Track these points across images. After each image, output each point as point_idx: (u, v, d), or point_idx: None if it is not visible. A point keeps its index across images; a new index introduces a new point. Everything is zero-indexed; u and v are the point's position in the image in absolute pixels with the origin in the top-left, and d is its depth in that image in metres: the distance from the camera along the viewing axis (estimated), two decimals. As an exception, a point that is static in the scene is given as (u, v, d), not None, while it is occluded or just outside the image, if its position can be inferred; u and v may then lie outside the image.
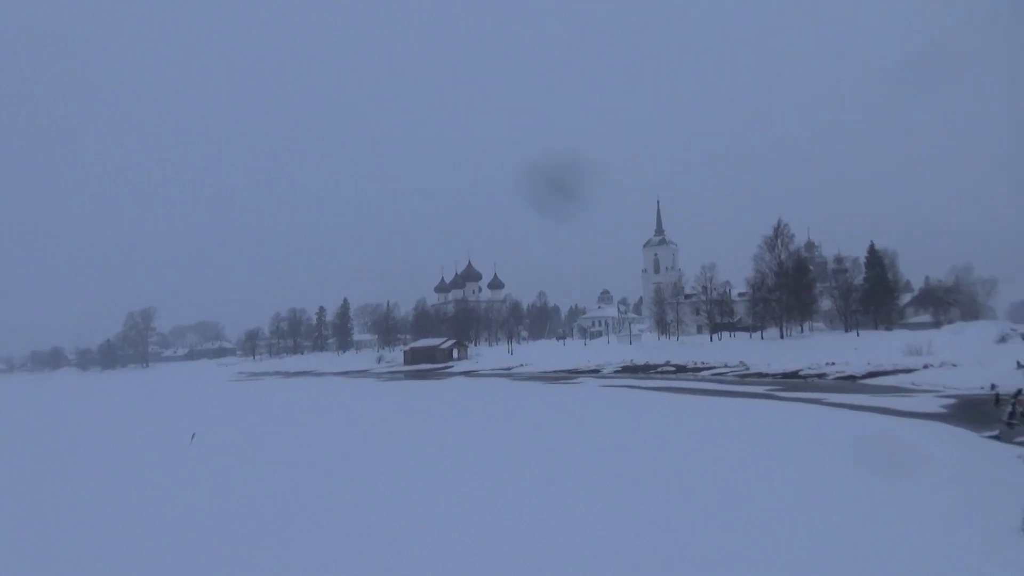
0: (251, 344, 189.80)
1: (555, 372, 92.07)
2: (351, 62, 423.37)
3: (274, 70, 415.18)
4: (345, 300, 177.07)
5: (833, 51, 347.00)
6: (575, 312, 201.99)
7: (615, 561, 12.43)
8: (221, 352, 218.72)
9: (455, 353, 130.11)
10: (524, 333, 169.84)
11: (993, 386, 45.81)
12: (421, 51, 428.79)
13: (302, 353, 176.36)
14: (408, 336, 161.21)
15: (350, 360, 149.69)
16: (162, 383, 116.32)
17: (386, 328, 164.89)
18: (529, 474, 20.58)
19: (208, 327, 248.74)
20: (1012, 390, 42.34)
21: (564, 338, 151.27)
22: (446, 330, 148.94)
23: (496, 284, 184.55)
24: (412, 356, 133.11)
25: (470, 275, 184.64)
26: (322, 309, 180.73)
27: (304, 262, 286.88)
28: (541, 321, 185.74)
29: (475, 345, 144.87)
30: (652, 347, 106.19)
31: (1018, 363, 53.41)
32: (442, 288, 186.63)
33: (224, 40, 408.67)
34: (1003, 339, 68.25)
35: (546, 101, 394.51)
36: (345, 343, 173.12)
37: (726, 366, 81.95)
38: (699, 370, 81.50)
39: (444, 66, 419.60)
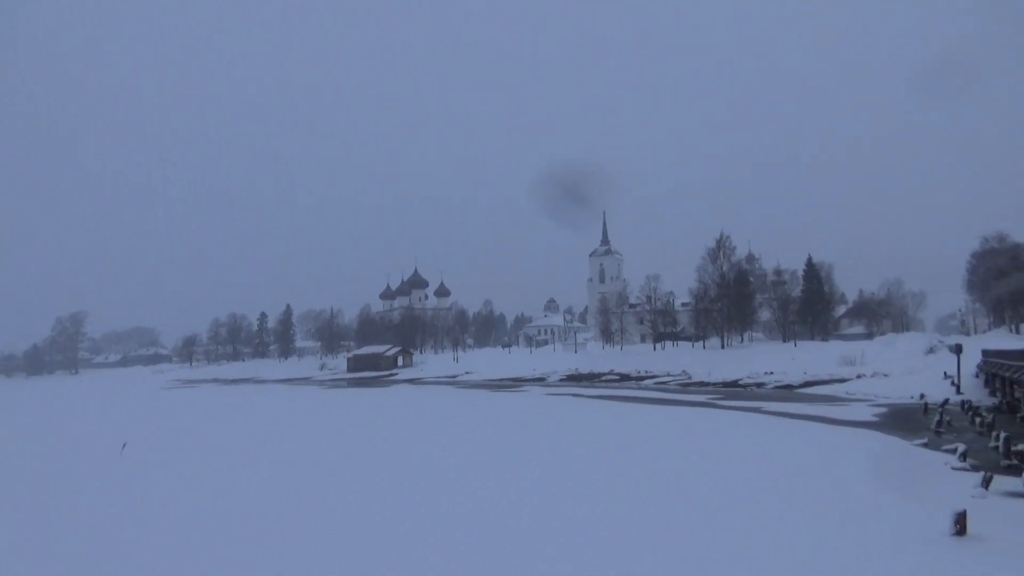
0: (188, 351, 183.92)
1: (500, 380, 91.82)
2: (297, 65, 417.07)
3: (223, 69, 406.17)
4: (288, 306, 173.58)
5: (780, 69, 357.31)
6: (521, 320, 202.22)
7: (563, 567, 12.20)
8: (156, 359, 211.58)
9: (400, 360, 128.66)
10: (470, 341, 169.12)
11: (922, 395, 47.48)
12: (371, 57, 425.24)
13: (243, 360, 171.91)
14: (352, 343, 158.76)
15: (292, 367, 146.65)
16: (92, 390, 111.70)
17: (330, 335, 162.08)
18: (466, 483, 20.21)
19: (143, 333, 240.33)
20: (940, 399, 44.04)
21: (510, 346, 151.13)
22: (391, 337, 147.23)
23: (442, 291, 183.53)
24: (356, 363, 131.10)
25: (416, 282, 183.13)
26: (264, 315, 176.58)
27: (246, 267, 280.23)
28: (487, 329, 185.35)
29: (420, 353, 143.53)
30: (597, 356, 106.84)
31: (945, 373, 55.45)
32: (388, 295, 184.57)
33: (170, 38, 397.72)
34: (931, 350, 70.74)
35: (498, 110, 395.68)
36: (287, 350, 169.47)
37: (669, 375, 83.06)
38: (642, 379, 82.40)
39: (396, 74, 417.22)
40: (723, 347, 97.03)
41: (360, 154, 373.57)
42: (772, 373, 73.56)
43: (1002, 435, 24.67)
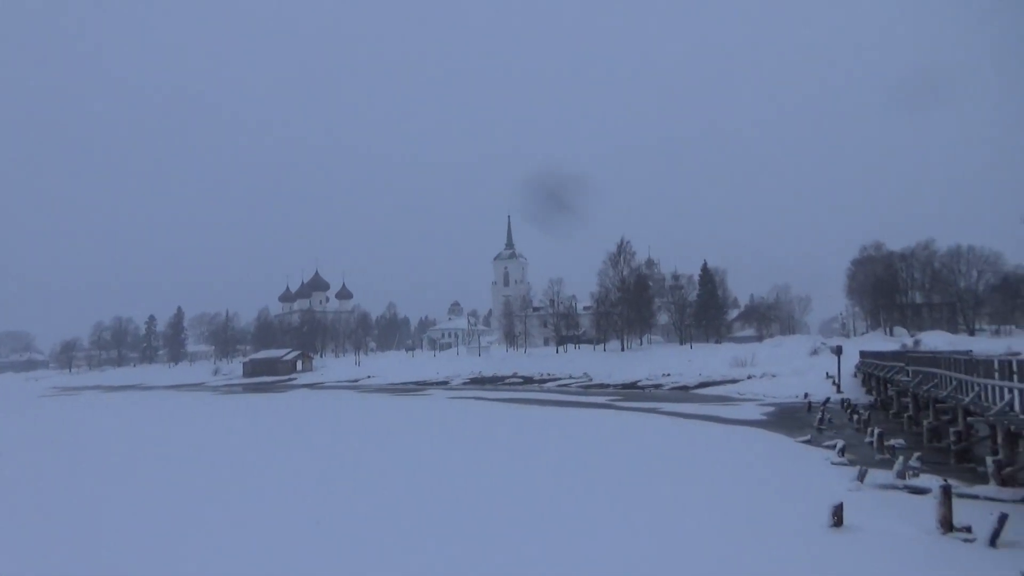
0: (67, 356, 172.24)
1: (404, 384, 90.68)
2: (190, 59, 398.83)
3: (106, 61, 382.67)
4: (179, 309, 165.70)
5: (679, 72, 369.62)
6: (425, 324, 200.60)
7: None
8: (31, 364, 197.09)
9: (299, 365, 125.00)
10: (373, 345, 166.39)
11: (806, 395, 49.94)
12: (268, 53, 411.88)
13: (131, 366, 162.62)
14: (249, 348, 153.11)
15: (183, 373, 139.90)
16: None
17: (224, 339, 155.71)
18: (363, 490, 19.58)
19: (16, 337, 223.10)
20: (822, 398, 46.41)
21: (413, 350, 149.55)
22: (290, 341, 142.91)
23: (345, 294, 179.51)
24: (252, 368, 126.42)
25: (317, 284, 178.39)
26: (152, 318, 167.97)
27: (133, 268, 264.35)
28: (390, 332, 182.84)
29: (321, 357, 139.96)
30: (500, 359, 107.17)
31: (827, 373, 58.59)
32: (287, 297, 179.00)
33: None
34: (815, 352, 74.65)
35: (401, 108, 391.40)
36: (178, 355, 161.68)
37: (571, 377, 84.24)
38: (545, 381, 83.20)
39: (296, 69, 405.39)
40: (623, 350, 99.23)
41: (259, 152, 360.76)
42: (669, 375, 75.80)
43: (876, 431, 26.08)
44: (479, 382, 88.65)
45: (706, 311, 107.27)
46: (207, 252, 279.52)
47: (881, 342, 73.45)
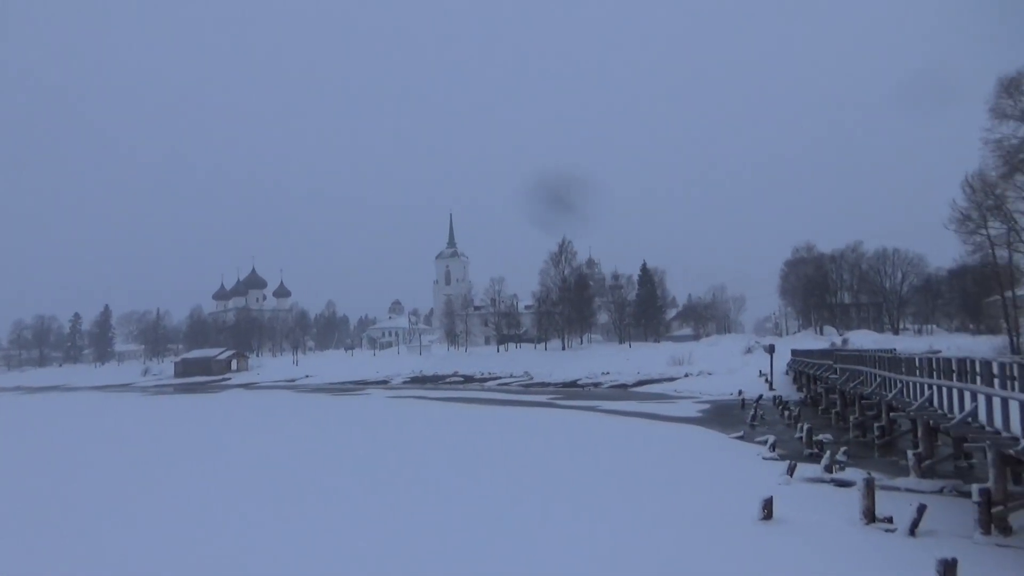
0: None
1: (342, 384, 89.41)
2: (124, 51, 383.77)
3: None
4: (106, 307, 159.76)
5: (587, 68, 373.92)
6: (365, 322, 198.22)
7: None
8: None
9: (234, 364, 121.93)
10: (311, 344, 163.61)
11: (740, 392, 51.15)
12: (201, 46, 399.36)
13: (58, 365, 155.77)
14: (181, 347, 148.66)
15: (111, 373, 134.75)
16: None
17: (155, 338, 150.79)
18: (302, 491, 19.14)
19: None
20: (755, 395, 47.61)
21: (353, 349, 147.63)
22: (225, 340, 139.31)
23: (282, 292, 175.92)
24: (185, 368, 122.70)
25: (254, 282, 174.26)
26: (77, 316, 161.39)
27: (57, 264, 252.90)
28: (329, 331, 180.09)
29: (257, 356, 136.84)
30: (441, 358, 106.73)
31: (760, 371, 60.21)
32: (222, 295, 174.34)
33: None
34: (749, 350, 76.74)
35: (338, 104, 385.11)
36: (105, 354, 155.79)
37: (512, 376, 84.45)
38: (486, 380, 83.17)
39: (237, 63, 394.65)
40: (564, 349, 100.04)
41: (192, 145, 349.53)
42: (608, 373, 76.71)
43: (805, 427, 26.88)
44: (420, 381, 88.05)
45: (645, 311, 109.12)
46: (137, 248, 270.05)
47: (812, 341, 75.98)
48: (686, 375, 68.89)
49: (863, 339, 71.38)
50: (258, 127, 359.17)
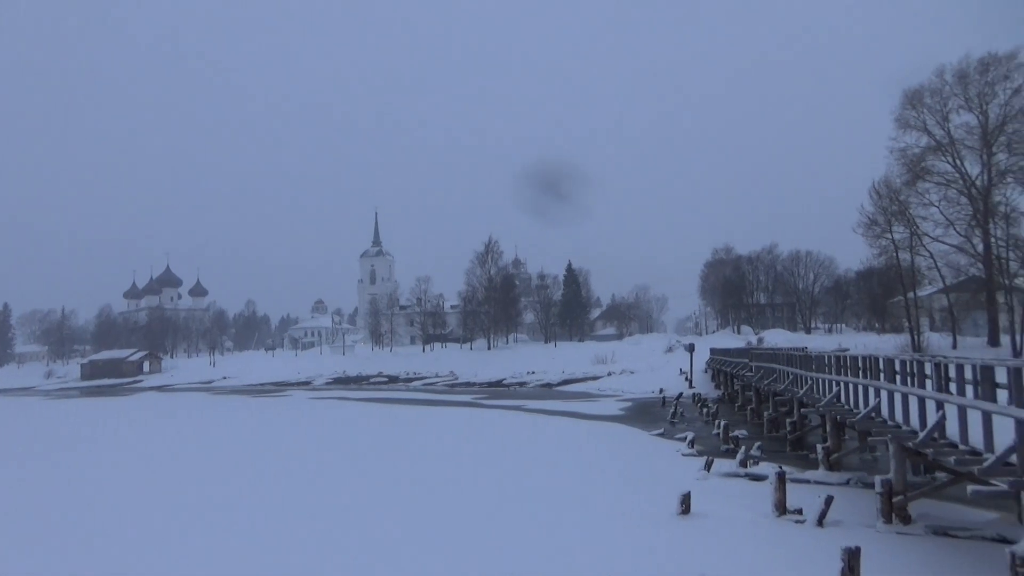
0: None
1: (262, 385, 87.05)
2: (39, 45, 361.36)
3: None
4: (5, 305, 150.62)
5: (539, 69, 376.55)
6: (287, 322, 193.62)
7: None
8: None
9: (146, 366, 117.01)
10: (229, 344, 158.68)
11: (661, 390, 52.31)
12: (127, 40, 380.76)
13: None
14: (89, 348, 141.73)
15: (10, 375, 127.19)
16: None
17: (59, 338, 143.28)
18: (208, 495, 18.41)
19: None
20: (675, 393, 48.75)
21: (274, 349, 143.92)
22: (137, 341, 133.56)
23: (199, 291, 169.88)
24: (92, 370, 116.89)
25: (168, 280, 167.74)
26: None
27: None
28: (249, 331, 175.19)
29: (172, 357, 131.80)
30: (366, 358, 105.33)
31: (680, 370, 61.73)
32: (134, 294, 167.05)
33: None
34: (670, 349, 78.62)
35: (262, 95, 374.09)
36: (3, 356, 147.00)
37: (437, 376, 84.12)
38: (411, 380, 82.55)
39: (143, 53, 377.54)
40: (489, 348, 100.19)
41: (101, 133, 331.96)
42: (534, 372, 77.30)
43: (722, 423, 27.65)
44: (343, 382, 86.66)
45: (570, 310, 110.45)
46: (40, 243, 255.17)
47: (729, 340, 78.35)
48: (609, 374, 70.03)
49: (777, 338, 74.10)
50: (175, 118, 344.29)
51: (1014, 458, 9.32)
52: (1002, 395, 10.34)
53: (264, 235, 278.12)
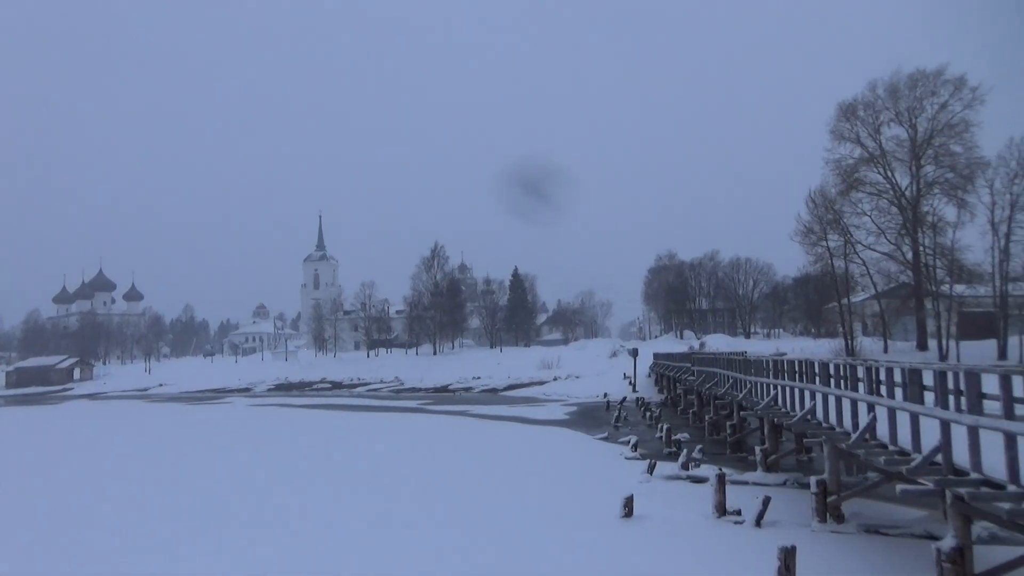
0: None
1: (200, 392, 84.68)
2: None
3: None
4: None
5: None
6: (227, 327, 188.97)
7: None
8: None
9: (77, 373, 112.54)
10: (166, 350, 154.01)
11: (606, 394, 52.79)
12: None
13: None
14: (15, 355, 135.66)
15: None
16: None
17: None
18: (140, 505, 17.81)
19: None
20: (619, 397, 49.28)
21: (213, 355, 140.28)
22: (67, 347, 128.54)
23: (134, 295, 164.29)
24: (19, 378, 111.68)
25: (101, 284, 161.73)
26: None
27: None
28: (187, 337, 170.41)
29: (104, 364, 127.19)
30: (309, 364, 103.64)
31: (624, 374, 62.45)
32: (63, 298, 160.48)
33: None
34: (615, 354, 79.44)
35: (202, 93, 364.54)
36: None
37: (382, 382, 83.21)
38: (355, 386, 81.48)
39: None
40: (435, 353, 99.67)
41: (31, 132, 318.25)
42: (480, 378, 77.17)
43: (665, 427, 28.06)
44: (285, 388, 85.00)
45: (516, 315, 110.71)
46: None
47: (672, 344, 79.65)
48: (555, 378, 70.38)
49: (718, 342, 75.67)
50: (107, 113, 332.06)
51: (939, 458, 9.68)
52: (929, 397, 10.77)
53: (204, 238, 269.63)
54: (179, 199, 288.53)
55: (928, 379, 11.00)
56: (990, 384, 9.15)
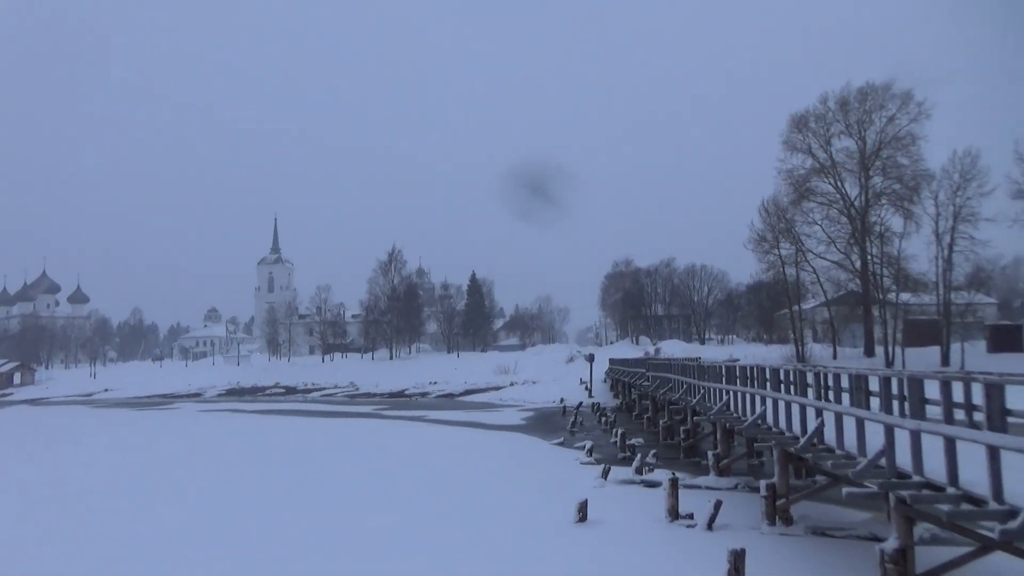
0: None
1: (148, 397, 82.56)
2: None
3: None
4: None
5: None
6: (177, 331, 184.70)
7: None
8: None
9: (17, 378, 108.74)
10: (113, 354, 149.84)
11: (562, 400, 53.01)
12: None
13: None
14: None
15: None
16: None
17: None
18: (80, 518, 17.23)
19: None
20: (576, 403, 49.53)
21: (162, 359, 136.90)
22: (7, 351, 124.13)
23: (79, 297, 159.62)
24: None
25: (44, 285, 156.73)
26: None
27: None
28: (135, 341, 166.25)
29: (47, 368, 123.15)
30: (262, 368, 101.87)
31: (581, 379, 62.76)
32: (4, 300, 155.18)
33: None
34: (571, 359, 79.80)
35: (156, 91, 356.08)
36: None
37: (337, 387, 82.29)
38: (310, 391, 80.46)
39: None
40: (391, 358, 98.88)
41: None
42: (436, 383, 76.78)
43: (619, 432, 28.25)
44: (237, 393, 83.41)
45: (473, 320, 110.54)
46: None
47: (628, 350, 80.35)
48: (512, 384, 70.40)
49: (673, 348, 76.54)
50: (54, 111, 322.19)
51: (884, 461, 9.91)
52: (875, 402, 11.03)
53: (155, 240, 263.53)
54: (129, 199, 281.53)
55: (874, 385, 11.26)
56: (932, 390, 9.41)
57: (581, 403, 49.28)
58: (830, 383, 12.73)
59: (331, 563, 12.43)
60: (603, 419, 37.89)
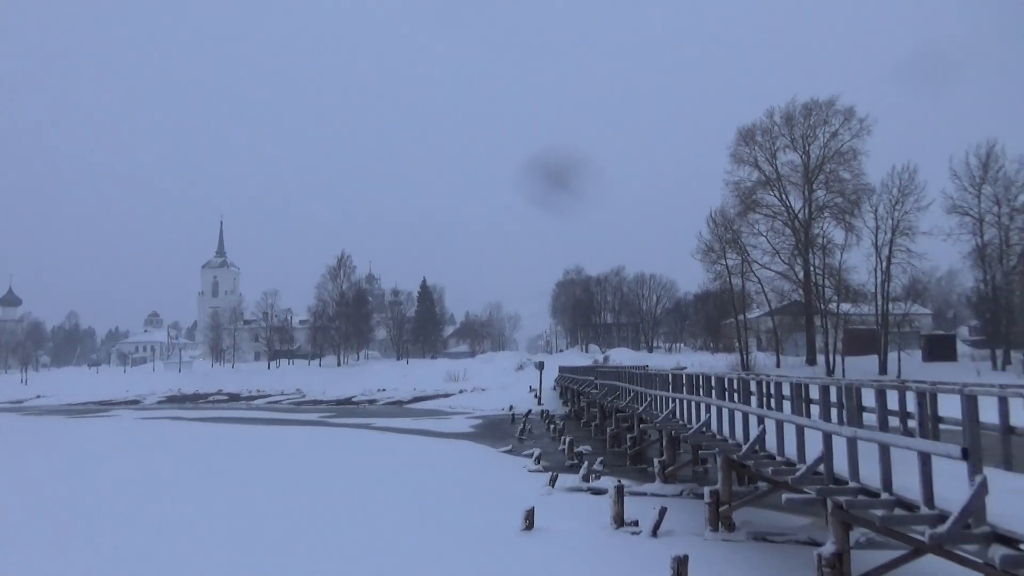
0: None
1: (83, 404, 79.62)
2: None
3: None
4: None
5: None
6: (115, 336, 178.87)
7: None
8: None
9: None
10: (46, 359, 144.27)
11: (511, 407, 53.00)
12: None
13: None
14: None
15: None
16: None
17: None
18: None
19: None
20: (525, 410, 49.55)
21: (99, 365, 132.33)
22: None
23: (10, 300, 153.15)
24: None
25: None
26: None
27: None
28: (70, 346, 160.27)
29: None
30: (204, 375, 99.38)
31: (530, 387, 62.89)
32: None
33: None
34: (521, 367, 79.99)
35: (93, 91, 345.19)
36: None
37: (282, 393, 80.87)
38: (254, 398, 78.80)
39: None
40: (339, 365, 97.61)
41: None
42: (385, 390, 76.11)
43: (567, 439, 28.34)
44: (178, 400, 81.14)
45: (424, 327, 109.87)
46: None
47: (578, 358, 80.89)
48: (461, 391, 70.15)
49: (622, 356, 77.37)
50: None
51: (822, 468, 10.11)
52: (815, 410, 11.27)
53: (92, 241, 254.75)
54: (66, 199, 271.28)
55: (814, 393, 11.51)
56: (870, 398, 9.66)
57: (530, 411, 49.31)
58: (772, 391, 12.97)
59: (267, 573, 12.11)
60: (552, 426, 37.97)
